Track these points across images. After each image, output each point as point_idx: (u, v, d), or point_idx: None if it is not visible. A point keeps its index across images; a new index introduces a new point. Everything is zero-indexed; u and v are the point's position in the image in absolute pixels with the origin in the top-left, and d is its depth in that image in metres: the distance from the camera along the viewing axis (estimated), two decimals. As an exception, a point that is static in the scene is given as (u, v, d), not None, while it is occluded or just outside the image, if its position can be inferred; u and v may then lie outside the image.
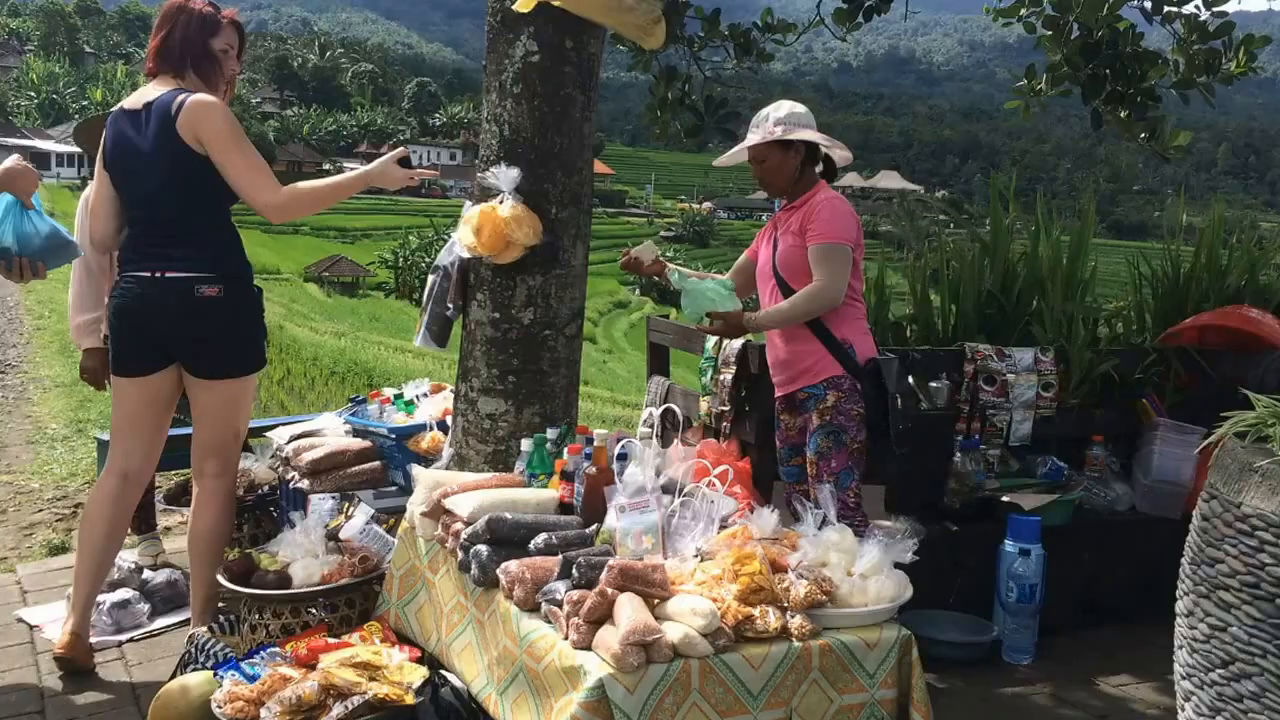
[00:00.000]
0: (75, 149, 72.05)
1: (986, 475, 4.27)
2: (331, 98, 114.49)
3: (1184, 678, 2.00)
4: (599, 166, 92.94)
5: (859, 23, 5.55)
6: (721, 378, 4.19)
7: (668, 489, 2.97)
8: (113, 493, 3.65)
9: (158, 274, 3.42)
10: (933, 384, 4.46)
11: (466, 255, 3.54)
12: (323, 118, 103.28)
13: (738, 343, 4.14)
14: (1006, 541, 3.98)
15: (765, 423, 4.07)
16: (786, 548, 2.80)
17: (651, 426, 3.21)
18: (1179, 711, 2.02)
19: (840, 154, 3.71)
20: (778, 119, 3.57)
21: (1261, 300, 4.81)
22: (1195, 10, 4.91)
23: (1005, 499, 4.22)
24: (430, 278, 3.76)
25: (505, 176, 3.43)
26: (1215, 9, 4.86)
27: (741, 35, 5.57)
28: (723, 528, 2.88)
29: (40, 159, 68.94)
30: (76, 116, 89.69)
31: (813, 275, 3.49)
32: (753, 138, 3.60)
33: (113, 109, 3.62)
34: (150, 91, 3.49)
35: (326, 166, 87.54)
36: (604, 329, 51.50)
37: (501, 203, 3.44)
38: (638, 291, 62.28)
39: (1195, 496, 3.45)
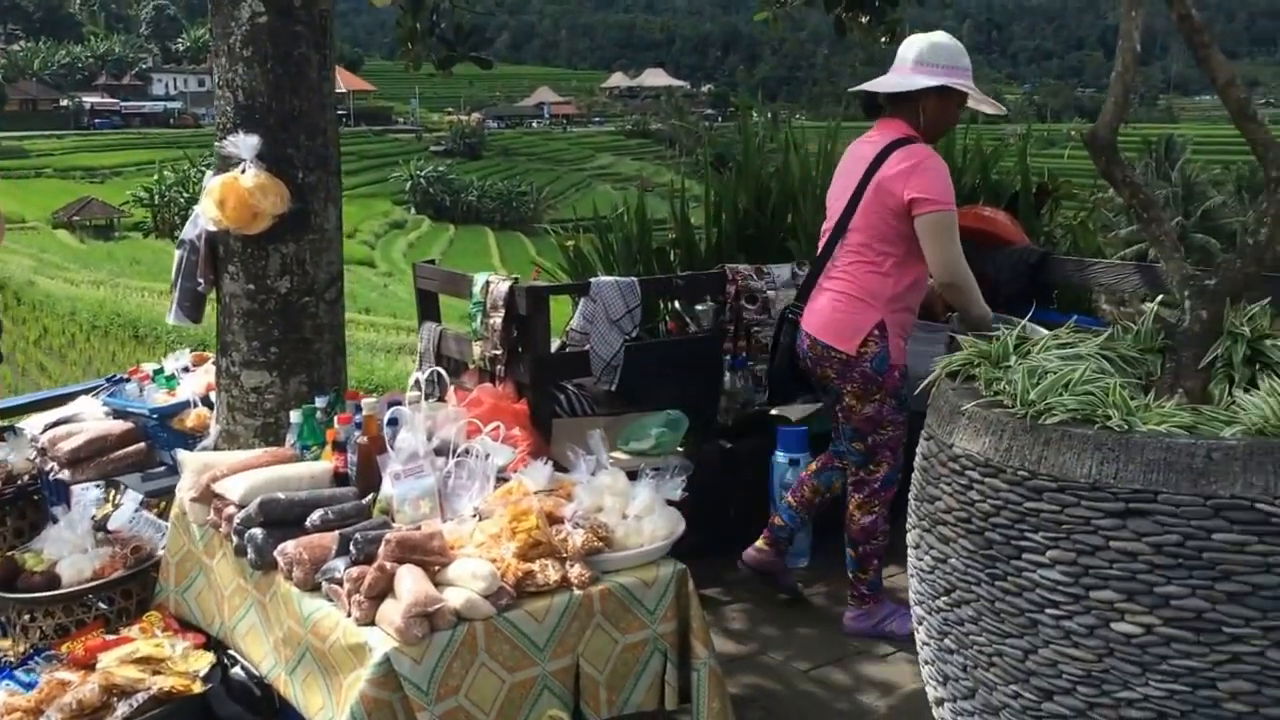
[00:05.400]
0: None
1: (757, 391, 4.45)
2: (61, 28, 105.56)
3: (916, 604, 2.18)
4: (359, 83, 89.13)
5: None
6: (491, 321, 4.18)
7: (441, 451, 2.98)
8: None
9: None
10: (698, 307, 4.60)
11: (212, 228, 3.41)
12: (54, 50, 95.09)
13: (505, 284, 4.15)
14: (777, 453, 4.20)
15: (539, 363, 4.11)
16: (562, 498, 2.87)
17: (420, 389, 3.20)
18: (915, 633, 2.21)
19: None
20: None
21: (995, 198, 5.14)
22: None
23: (774, 412, 4.43)
24: (177, 253, 3.61)
25: (245, 144, 3.30)
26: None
27: (483, -42, 5.46)
28: (502, 480, 2.94)
29: None
30: None
31: None
32: None
33: None
34: None
35: (65, 102, 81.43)
36: (382, 251, 50.25)
37: (244, 172, 3.32)
38: (413, 210, 60.93)
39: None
